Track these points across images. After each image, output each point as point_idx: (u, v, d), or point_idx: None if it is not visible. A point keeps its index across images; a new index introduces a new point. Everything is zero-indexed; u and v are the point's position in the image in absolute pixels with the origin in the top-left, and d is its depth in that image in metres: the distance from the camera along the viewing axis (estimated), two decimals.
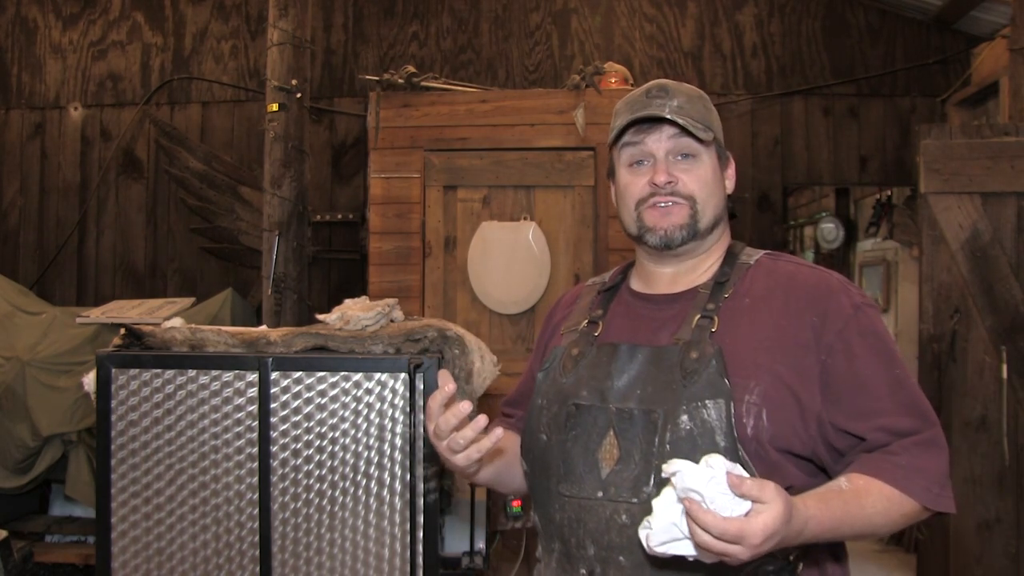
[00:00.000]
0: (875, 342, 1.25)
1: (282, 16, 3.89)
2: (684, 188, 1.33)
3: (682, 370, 1.22)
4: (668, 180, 1.32)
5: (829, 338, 1.24)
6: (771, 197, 4.86)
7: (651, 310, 1.36)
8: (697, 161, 1.34)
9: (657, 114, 1.31)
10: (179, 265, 5.19)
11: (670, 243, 1.33)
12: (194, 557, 2.08)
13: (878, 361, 1.24)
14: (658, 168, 1.33)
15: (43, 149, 5.31)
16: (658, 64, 4.93)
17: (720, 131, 1.39)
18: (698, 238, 1.34)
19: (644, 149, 1.35)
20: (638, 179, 1.36)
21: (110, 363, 2.09)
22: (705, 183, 1.34)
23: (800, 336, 1.24)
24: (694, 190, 1.33)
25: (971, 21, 4.61)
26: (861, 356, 1.24)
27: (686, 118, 1.31)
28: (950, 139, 3.38)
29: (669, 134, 1.33)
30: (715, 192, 1.36)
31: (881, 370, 1.24)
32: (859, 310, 1.26)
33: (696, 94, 1.37)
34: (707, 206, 1.34)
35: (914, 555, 4.20)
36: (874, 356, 1.24)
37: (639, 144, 1.35)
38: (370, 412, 2.05)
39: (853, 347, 1.24)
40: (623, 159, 1.39)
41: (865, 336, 1.25)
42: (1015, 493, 3.30)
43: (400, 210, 3.99)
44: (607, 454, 1.25)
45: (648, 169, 1.35)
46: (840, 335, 1.24)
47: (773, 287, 1.30)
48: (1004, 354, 3.29)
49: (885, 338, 1.27)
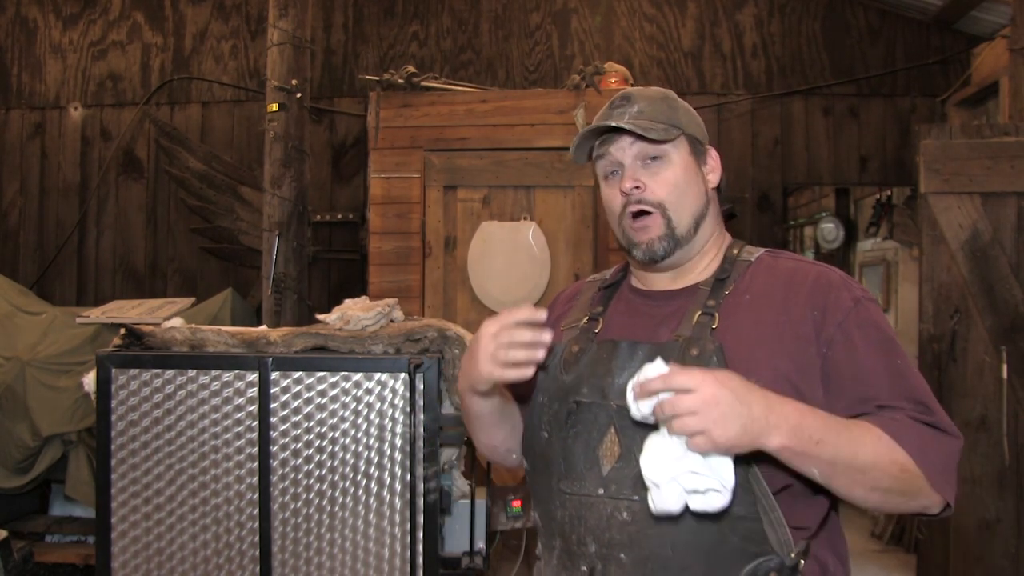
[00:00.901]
0: (875, 333, 1.25)
1: (282, 16, 3.89)
2: (652, 195, 1.33)
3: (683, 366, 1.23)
4: (635, 185, 1.32)
5: (830, 331, 1.24)
6: (771, 197, 4.86)
7: (651, 307, 1.36)
8: (664, 162, 1.34)
9: (610, 123, 1.32)
10: (179, 265, 5.19)
11: (654, 256, 1.33)
12: (194, 557, 2.08)
13: (878, 352, 1.24)
14: (625, 175, 1.34)
15: (43, 149, 5.31)
16: (658, 64, 4.93)
17: (693, 125, 1.38)
18: (681, 245, 1.34)
19: (612, 159, 1.36)
20: (614, 191, 1.37)
21: (110, 363, 2.09)
22: (674, 185, 1.33)
23: (801, 330, 1.24)
24: (662, 196, 1.32)
25: (971, 21, 4.61)
26: (861, 347, 1.23)
27: (644, 121, 1.31)
28: (950, 139, 3.38)
29: (631, 140, 1.34)
30: (688, 191, 1.34)
31: (882, 360, 1.23)
32: (859, 303, 1.26)
33: (659, 95, 1.38)
34: (681, 209, 1.33)
35: (914, 555, 4.20)
36: (874, 347, 1.24)
37: (607, 155, 1.37)
38: (370, 412, 2.05)
39: (853, 339, 1.24)
40: (599, 171, 1.40)
41: (865, 328, 1.25)
42: (1015, 493, 3.30)
43: (400, 210, 3.99)
44: (608, 451, 1.25)
45: (620, 179, 1.36)
46: (840, 327, 1.24)
47: (774, 283, 1.30)
48: (1004, 354, 3.29)
49: (886, 330, 1.27)
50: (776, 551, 1.18)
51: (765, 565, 1.18)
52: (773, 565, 1.18)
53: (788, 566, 1.18)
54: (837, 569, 1.27)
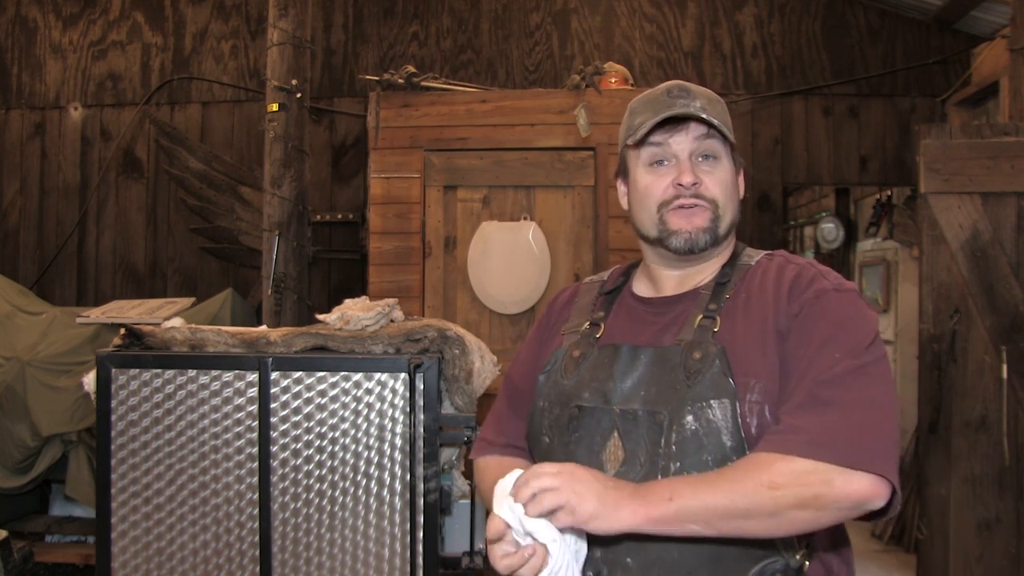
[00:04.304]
0: (826, 325, 1.19)
1: (282, 16, 3.89)
2: (707, 191, 1.31)
3: (685, 371, 1.22)
4: (694, 181, 1.30)
5: (790, 324, 1.21)
6: (771, 197, 4.86)
7: (653, 314, 1.36)
8: (719, 164, 1.33)
9: (689, 112, 1.29)
10: (179, 265, 5.19)
11: (694, 246, 1.31)
12: (194, 557, 2.08)
13: (820, 344, 1.17)
14: (683, 168, 1.31)
15: (43, 149, 5.31)
16: (658, 64, 4.93)
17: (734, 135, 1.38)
18: (718, 243, 1.33)
19: (668, 150, 1.32)
20: (660, 180, 1.33)
21: (110, 363, 2.09)
22: (726, 186, 1.33)
23: (780, 326, 1.23)
24: (716, 194, 1.32)
25: (971, 21, 4.61)
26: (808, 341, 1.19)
27: (711, 118, 1.30)
28: (950, 139, 3.38)
29: (695, 135, 1.31)
30: (733, 197, 1.35)
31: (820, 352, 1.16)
32: (823, 295, 1.22)
33: (715, 97, 1.36)
34: (727, 210, 1.33)
35: (914, 555, 4.20)
36: (818, 340, 1.18)
37: (662, 145, 1.32)
38: (370, 412, 2.05)
39: (804, 331, 1.20)
40: (643, 158, 1.35)
41: (817, 319, 1.20)
42: (1015, 493, 3.30)
43: (400, 210, 3.99)
44: (612, 456, 1.25)
45: (670, 169, 1.32)
46: (796, 319, 1.21)
47: (765, 283, 1.29)
48: (1004, 354, 3.29)
49: (844, 321, 1.19)
50: (781, 553, 1.18)
51: (770, 567, 1.18)
52: (778, 567, 1.18)
53: (793, 568, 1.18)
54: (841, 570, 1.26)
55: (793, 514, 1.08)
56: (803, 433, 1.09)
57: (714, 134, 1.31)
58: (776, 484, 1.07)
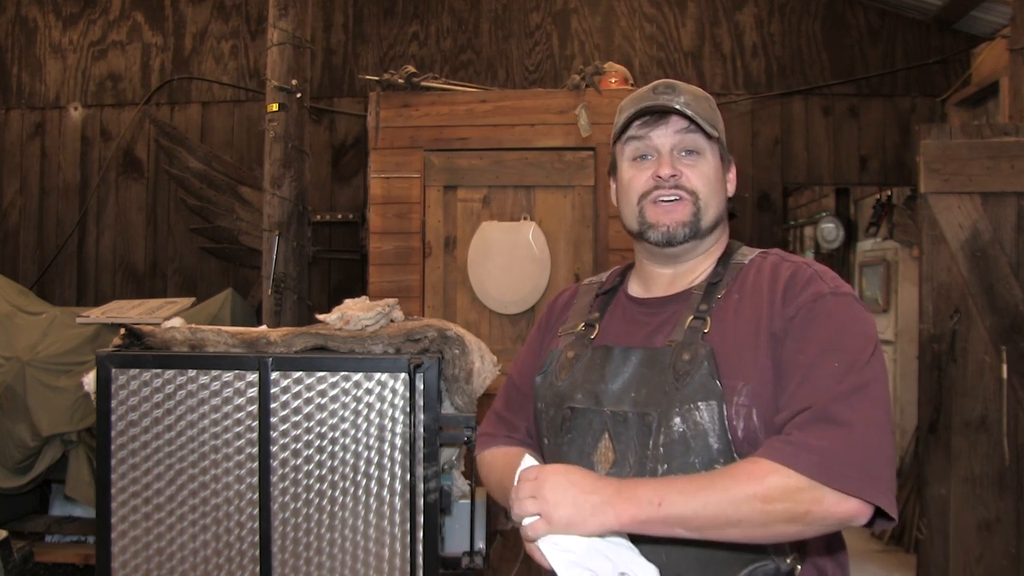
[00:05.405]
0: (824, 330, 1.17)
1: (282, 16, 3.89)
2: (688, 183, 1.31)
3: (674, 372, 1.21)
4: (673, 173, 1.30)
5: (786, 326, 1.20)
6: (771, 197, 4.86)
7: (646, 315, 1.35)
8: (702, 158, 1.33)
9: (666, 104, 1.29)
10: (179, 265, 5.19)
11: (672, 239, 1.31)
12: (194, 557, 2.08)
13: (819, 350, 1.16)
14: (663, 161, 1.31)
15: (43, 149, 5.31)
16: (658, 64, 4.93)
17: (723, 133, 1.38)
18: (699, 237, 1.33)
19: (649, 144, 1.33)
20: (641, 173, 1.33)
21: (110, 363, 2.09)
22: (708, 180, 1.33)
23: (774, 327, 1.21)
24: (698, 186, 1.31)
25: (971, 21, 4.61)
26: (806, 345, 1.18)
27: (693, 113, 1.30)
28: (950, 139, 3.38)
29: (675, 129, 1.31)
30: (717, 191, 1.34)
31: (819, 359, 1.15)
32: (820, 298, 1.20)
33: (702, 94, 1.36)
34: (710, 204, 1.32)
35: (914, 555, 4.20)
36: (817, 345, 1.17)
37: (643, 138, 1.33)
38: (370, 412, 2.05)
39: (802, 335, 1.19)
40: (627, 153, 1.36)
41: (815, 323, 1.19)
42: (1015, 493, 3.30)
43: (400, 210, 3.99)
44: (603, 457, 1.25)
45: (652, 163, 1.33)
46: (793, 322, 1.20)
47: (759, 282, 1.28)
48: (1004, 354, 3.29)
49: (844, 326, 1.18)
50: (771, 557, 1.17)
51: (760, 571, 1.17)
52: (768, 571, 1.17)
53: (783, 571, 1.18)
54: (836, 574, 1.25)
55: (781, 527, 1.09)
56: (811, 452, 1.08)
57: (696, 128, 1.31)
58: (769, 498, 1.07)
